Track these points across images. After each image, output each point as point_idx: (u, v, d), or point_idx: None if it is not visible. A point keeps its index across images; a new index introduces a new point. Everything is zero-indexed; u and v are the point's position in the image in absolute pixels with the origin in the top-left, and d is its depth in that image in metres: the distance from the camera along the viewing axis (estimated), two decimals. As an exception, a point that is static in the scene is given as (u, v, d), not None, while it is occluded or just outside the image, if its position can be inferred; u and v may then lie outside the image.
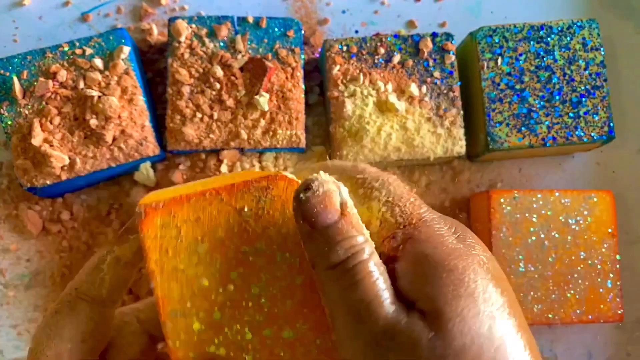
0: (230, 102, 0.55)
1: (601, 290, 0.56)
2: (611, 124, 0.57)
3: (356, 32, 0.64)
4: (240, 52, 0.56)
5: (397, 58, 0.57)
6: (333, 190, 0.28)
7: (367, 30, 0.64)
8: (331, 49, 0.57)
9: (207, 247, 0.31)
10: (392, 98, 0.56)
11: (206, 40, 0.57)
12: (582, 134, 0.57)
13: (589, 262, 0.56)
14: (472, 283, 0.26)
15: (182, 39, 0.56)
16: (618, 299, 0.56)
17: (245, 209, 0.31)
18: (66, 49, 0.55)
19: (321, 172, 0.29)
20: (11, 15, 0.62)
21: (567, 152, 0.62)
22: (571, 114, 0.57)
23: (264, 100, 0.55)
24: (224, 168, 0.57)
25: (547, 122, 0.57)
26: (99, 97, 0.54)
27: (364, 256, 0.27)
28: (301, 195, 0.28)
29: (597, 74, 0.57)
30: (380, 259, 0.28)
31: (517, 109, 0.57)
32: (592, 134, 0.57)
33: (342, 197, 0.28)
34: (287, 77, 0.56)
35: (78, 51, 0.55)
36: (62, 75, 0.55)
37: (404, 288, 0.27)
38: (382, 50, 0.57)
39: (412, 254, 0.28)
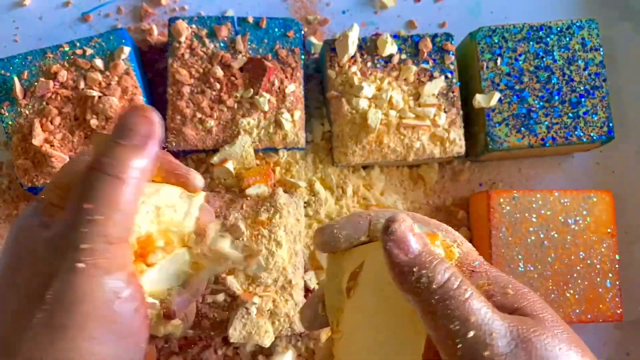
0: (230, 102, 0.55)
1: (600, 289, 0.56)
2: (610, 124, 0.57)
3: (356, 32, 0.64)
4: (240, 52, 0.57)
5: (397, 58, 0.57)
6: (412, 223, 0.31)
7: (367, 30, 0.64)
8: (331, 49, 0.57)
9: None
10: (392, 98, 0.56)
11: (206, 40, 0.57)
12: (582, 134, 0.57)
13: (588, 261, 0.56)
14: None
15: (182, 39, 0.56)
16: (617, 299, 0.56)
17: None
18: (67, 49, 0.55)
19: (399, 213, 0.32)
20: (12, 15, 0.62)
21: (566, 152, 0.62)
22: (570, 114, 0.57)
23: (263, 100, 0.55)
24: (229, 166, 0.57)
25: (546, 122, 0.57)
26: (100, 97, 0.54)
27: (459, 274, 0.29)
28: (390, 227, 0.30)
29: (597, 74, 0.58)
30: None
31: (516, 109, 0.57)
32: (592, 134, 0.57)
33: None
34: (287, 77, 0.56)
35: (78, 51, 0.55)
36: (63, 75, 0.55)
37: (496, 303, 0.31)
38: (382, 51, 0.57)
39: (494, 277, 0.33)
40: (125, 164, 0.31)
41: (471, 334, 0.28)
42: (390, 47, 0.57)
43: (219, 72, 0.56)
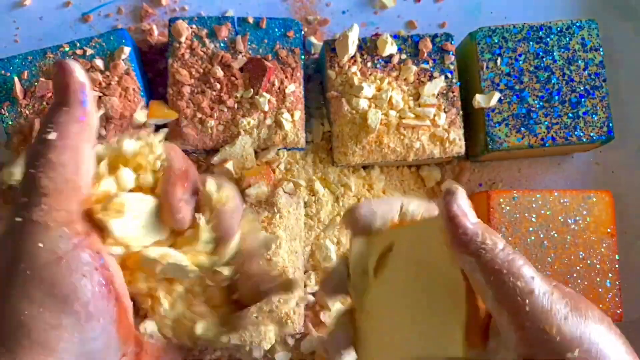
0: (230, 103, 0.56)
1: (600, 289, 0.56)
2: (610, 124, 0.57)
3: (356, 32, 0.64)
4: (240, 52, 0.57)
5: (397, 58, 0.57)
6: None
7: (367, 31, 0.64)
8: (331, 49, 0.57)
9: None
10: (392, 98, 0.56)
11: (206, 40, 0.57)
12: (581, 134, 0.57)
13: (588, 261, 0.56)
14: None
15: (183, 39, 0.56)
16: (617, 299, 0.56)
17: None
18: (67, 49, 0.55)
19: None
20: (12, 15, 0.62)
21: (566, 152, 0.62)
22: (570, 114, 0.57)
23: (263, 100, 0.55)
24: (229, 166, 0.57)
25: (546, 123, 0.57)
26: (100, 97, 0.54)
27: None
28: (456, 193, 0.32)
29: (596, 74, 0.58)
30: None
31: (516, 109, 0.57)
32: (591, 134, 0.57)
33: None
34: (287, 77, 0.56)
35: (79, 51, 0.56)
36: (63, 75, 0.55)
37: None
38: (382, 51, 0.57)
39: None
40: (55, 122, 0.31)
41: (537, 291, 0.29)
42: (390, 47, 0.57)
43: (219, 72, 0.56)
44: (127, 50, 0.55)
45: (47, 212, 0.30)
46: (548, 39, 0.58)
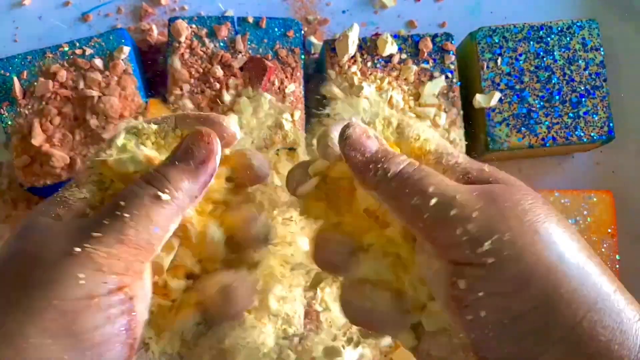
0: (230, 102, 0.55)
1: (601, 290, 0.56)
2: (611, 124, 0.57)
3: (356, 32, 0.64)
4: (240, 52, 0.56)
5: (397, 58, 0.57)
6: (366, 127, 0.32)
7: (367, 30, 0.64)
8: (331, 49, 0.57)
9: None
10: (392, 98, 0.56)
11: (206, 40, 0.57)
12: (582, 134, 0.57)
13: (589, 262, 0.56)
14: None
15: (182, 39, 0.56)
16: (618, 299, 0.56)
17: None
18: (66, 49, 0.55)
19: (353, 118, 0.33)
20: (11, 15, 0.62)
21: (566, 152, 0.62)
22: (571, 114, 0.57)
23: (264, 100, 0.55)
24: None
25: (546, 122, 0.57)
26: (99, 97, 0.54)
27: (417, 163, 0.30)
28: (347, 131, 0.31)
29: (597, 74, 0.57)
30: None
31: (516, 109, 0.57)
32: (592, 134, 0.57)
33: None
34: (287, 77, 0.56)
35: (78, 51, 0.55)
36: (62, 75, 0.55)
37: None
38: (382, 50, 0.57)
39: None
40: (174, 184, 0.30)
41: (433, 201, 0.28)
42: (390, 47, 0.57)
43: (219, 72, 0.56)
44: (126, 49, 0.55)
45: (109, 259, 0.28)
46: (548, 39, 0.58)
